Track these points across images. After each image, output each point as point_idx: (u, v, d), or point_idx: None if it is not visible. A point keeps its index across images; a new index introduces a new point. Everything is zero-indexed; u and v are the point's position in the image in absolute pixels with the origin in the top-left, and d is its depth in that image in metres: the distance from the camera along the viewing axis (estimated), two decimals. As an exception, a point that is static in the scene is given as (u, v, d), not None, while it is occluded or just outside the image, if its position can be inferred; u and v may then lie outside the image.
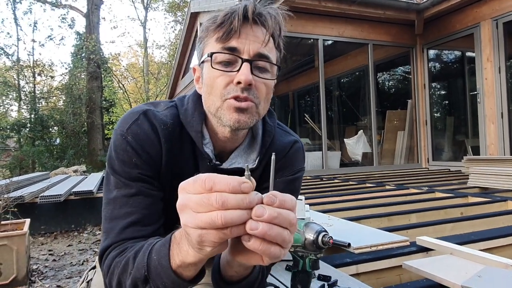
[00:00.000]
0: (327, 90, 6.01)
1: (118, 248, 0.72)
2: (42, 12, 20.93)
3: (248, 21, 0.73)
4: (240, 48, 0.74)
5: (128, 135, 0.76)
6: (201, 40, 0.79)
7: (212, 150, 0.82)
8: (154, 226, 0.76)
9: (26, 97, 13.30)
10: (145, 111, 0.80)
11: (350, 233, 1.78)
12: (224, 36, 0.73)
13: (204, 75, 0.78)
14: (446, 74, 6.69)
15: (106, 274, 0.71)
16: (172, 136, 0.80)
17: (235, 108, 0.74)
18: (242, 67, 0.73)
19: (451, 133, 6.22)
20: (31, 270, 2.95)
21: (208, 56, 0.74)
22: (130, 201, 0.75)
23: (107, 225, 0.75)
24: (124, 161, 0.76)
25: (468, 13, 5.17)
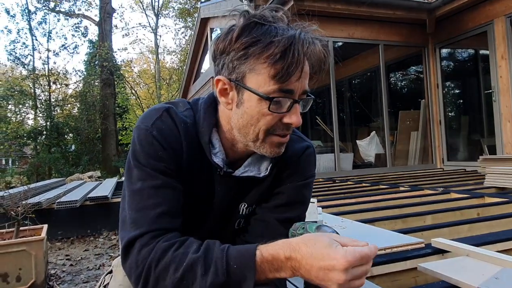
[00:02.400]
0: (338, 92, 5.99)
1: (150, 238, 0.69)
2: (56, 22, 21.40)
3: (310, 53, 0.71)
4: (294, 88, 0.72)
5: (154, 129, 0.77)
6: (241, 59, 0.72)
7: (224, 159, 0.82)
8: (180, 220, 0.77)
9: (42, 105, 13.59)
10: (168, 109, 0.81)
11: (363, 235, 1.77)
12: (284, 77, 0.70)
13: (246, 103, 0.74)
14: (460, 73, 6.59)
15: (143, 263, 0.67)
16: (190, 136, 0.81)
17: (278, 144, 0.77)
18: (294, 109, 0.73)
19: (466, 132, 6.12)
20: (49, 275, 3.01)
21: (265, 98, 0.71)
22: (159, 193, 0.74)
23: (135, 215, 0.72)
24: (150, 154, 0.76)
25: (481, 10, 5.09)
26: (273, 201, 0.89)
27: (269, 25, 0.71)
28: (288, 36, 0.69)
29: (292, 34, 0.69)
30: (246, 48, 0.70)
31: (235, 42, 0.71)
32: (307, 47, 0.70)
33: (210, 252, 0.66)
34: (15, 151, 13.17)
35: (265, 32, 0.70)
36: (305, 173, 0.91)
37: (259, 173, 0.85)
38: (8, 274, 2.57)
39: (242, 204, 0.88)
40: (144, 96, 20.64)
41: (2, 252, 2.56)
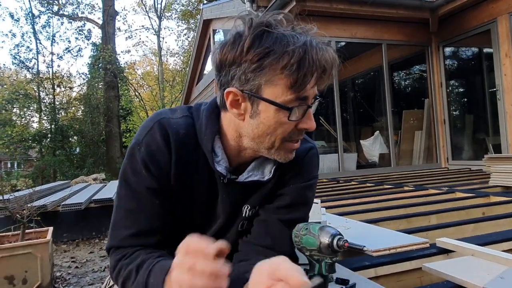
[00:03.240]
0: (341, 92, 5.98)
1: (119, 252, 0.80)
2: (59, 25, 21.48)
3: (322, 60, 0.72)
4: (308, 95, 0.73)
5: (142, 145, 0.79)
6: (255, 71, 0.70)
7: (227, 166, 0.82)
8: (153, 239, 0.81)
9: (47, 108, 13.68)
10: (160, 120, 0.81)
11: (368, 235, 1.76)
12: (301, 87, 0.70)
13: (263, 114, 0.74)
14: (464, 72, 6.56)
15: (112, 270, 0.80)
16: (184, 146, 0.81)
17: (292, 150, 0.79)
18: (308, 114, 0.74)
19: (470, 131, 6.08)
20: (54, 277, 3.02)
21: (286, 108, 0.72)
22: (131, 216, 0.80)
23: (111, 229, 0.82)
24: (136, 171, 0.79)
25: (484, 9, 5.07)
26: (276, 203, 0.89)
27: (277, 32, 0.70)
28: (301, 45, 0.69)
29: (304, 41, 0.69)
30: (260, 60, 0.69)
31: (246, 53, 0.70)
32: (321, 54, 0.70)
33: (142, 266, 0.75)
34: (20, 154, 13.27)
35: (276, 41, 0.69)
36: (308, 175, 0.91)
37: (263, 176, 0.85)
38: (14, 277, 2.58)
39: (245, 206, 0.88)
40: (147, 98, 20.71)
41: (8, 255, 2.58)
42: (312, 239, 0.72)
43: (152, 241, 0.81)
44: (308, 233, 0.73)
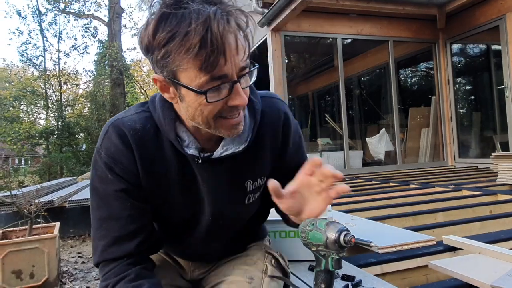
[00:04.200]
0: (347, 89, 5.95)
1: (104, 268, 0.81)
2: (66, 23, 21.54)
3: (228, 33, 0.64)
4: (227, 71, 0.67)
5: (102, 150, 0.79)
6: (164, 58, 0.67)
7: (197, 147, 0.81)
8: (132, 243, 0.81)
9: (53, 105, 13.75)
10: (113, 122, 0.81)
11: (373, 232, 1.76)
12: (210, 66, 0.65)
13: (186, 97, 0.71)
14: (471, 69, 6.49)
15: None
16: (145, 140, 0.80)
17: (231, 126, 0.74)
18: (235, 90, 0.69)
19: (478, 129, 6.02)
20: (61, 272, 3.05)
21: (200, 93, 0.68)
22: (104, 225, 0.80)
23: (92, 242, 0.84)
24: (102, 177, 0.79)
25: (493, 5, 5.01)
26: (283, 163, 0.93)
27: (183, 8, 0.64)
28: (203, 21, 0.62)
29: (206, 16, 0.63)
30: (165, 46, 0.65)
31: (153, 40, 0.66)
32: (223, 26, 0.63)
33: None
34: (27, 150, 13.37)
35: (180, 21, 0.63)
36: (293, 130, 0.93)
37: (238, 147, 0.82)
38: (22, 271, 2.61)
39: (247, 182, 0.88)
40: (153, 96, 20.75)
41: (16, 250, 2.60)
42: (318, 234, 0.71)
43: (132, 245, 0.80)
44: (314, 228, 0.73)
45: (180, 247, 1.02)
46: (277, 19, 4.80)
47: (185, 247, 1.00)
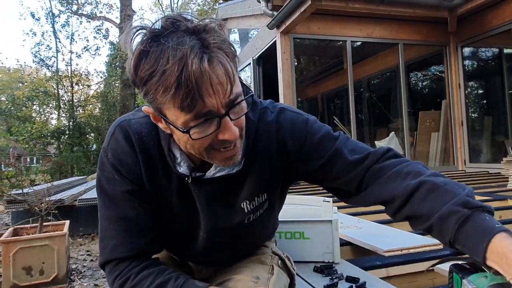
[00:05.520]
0: (357, 92, 5.93)
1: (116, 271, 0.80)
2: (78, 25, 21.91)
3: (206, 70, 0.60)
4: (212, 107, 0.63)
5: (108, 151, 0.80)
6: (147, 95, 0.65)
7: (189, 165, 0.80)
8: (141, 242, 0.81)
9: (65, 106, 13.96)
10: (120, 123, 0.81)
11: (380, 235, 1.75)
12: (191, 106, 0.62)
13: (175, 132, 0.71)
14: (483, 73, 6.41)
15: (112, 287, 0.80)
16: (149, 145, 0.80)
17: (225, 158, 0.72)
18: (223, 125, 0.66)
19: (489, 133, 5.94)
20: (70, 269, 3.10)
21: (183, 131, 0.66)
22: (113, 224, 0.80)
23: (100, 242, 0.83)
24: (109, 178, 0.80)
25: (505, 8, 4.94)
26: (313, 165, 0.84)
27: (162, 44, 0.61)
28: (179, 59, 0.59)
29: (182, 52, 0.59)
30: (145, 84, 0.63)
31: (135, 76, 0.64)
32: (200, 64, 0.60)
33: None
34: (39, 150, 13.58)
35: (159, 58, 0.60)
36: (300, 137, 0.84)
37: (232, 169, 0.81)
38: (32, 268, 2.66)
39: (242, 203, 0.85)
40: (163, 97, 20.90)
41: (27, 246, 2.65)
42: None
43: (141, 244, 0.81)
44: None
45: (182, 255, 1.03)
46: (287, 22, 4.81)
47: (187, 256, 1.02)
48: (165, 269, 0.82)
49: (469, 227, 0.64)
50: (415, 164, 0.79)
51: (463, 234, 0.64)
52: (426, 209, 0.70)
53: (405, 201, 0.74)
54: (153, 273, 0.79)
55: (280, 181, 0.89)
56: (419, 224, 0.73)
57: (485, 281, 0.58)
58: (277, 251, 1.06)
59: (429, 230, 0.71)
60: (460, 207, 0.66)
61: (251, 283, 0.88)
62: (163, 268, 0.82)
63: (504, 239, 0.59)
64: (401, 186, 0.75)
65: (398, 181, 0.76)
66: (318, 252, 1.40)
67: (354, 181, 0.81)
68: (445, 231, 0.67)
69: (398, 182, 0.76)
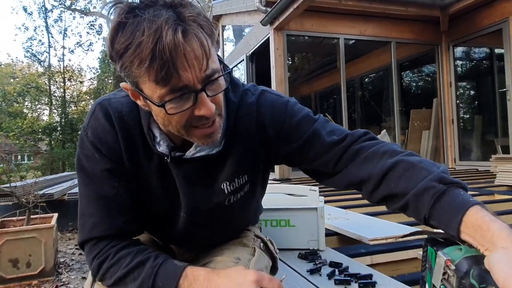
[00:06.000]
0: (349, 91, 5.96)
1: (95, 250, 0.79)
2: (71, 20, 21.73)
3: (180, 42, 0.59)
4: (188, 82, 0.63)
5: (88, 129, 0.79)
6: (123, 69, 0.65)
7: (169, 145, 0.80)
8: (119, 220, 0.80)
9: (57, 102, 13.85)
10: (100, 102, 0.81)
11: (366, 226, 1.76)
12: (166, 79, 0.61)
13: (152, 108, 0.70)
14: (474, 72, 6.48)
15: (94, 273, 0.79)
16: (129, 124, 0.80)
17: (204, 136, 0.72)
18: (200, 100, 0.66)
19: (479, 132, 6.00)
20: (58, 262, 3.07)
21: (158, 105, 0.65)
22: (92, 203, 0.79)
23: (79, 220, 0.81)
24: (88, 156, 0.79)
25: (496, 8, 5.00)
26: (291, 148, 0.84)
27: (139, 16, 0.60)
28: (154, 31, 0.59)
29: (157, 24, 0.59)
30: (121, 57, 0.62)
31: (112, 49, 0.63)
32: (174, 37, 0.59)
33: (141, 268, 0.75)
34: (30, 146, 13.45)
35: (134, 30, 0.60)
36: (279, 118, 0.84)
37: (212, 149, 0.80)
38: (19, 260, 2.63)
39: (222, 184, 0.85)
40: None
41: (13, 239, 2.63)
42: None
43: (120, 223, 0.80)
44: None
45: (164, 237, 1.02)
46: (280, 18, 4.82)
47: (169, 239, 1.01)
48: (145, 248, 0.81)
49: (444, 202, 0.64)
50: (391, 144, 0.79)
51: (438, 210, 0.64)
52: (402, 187, 0.70)
53: (381, 180, 0.74)
54: (132, 252, 0.79)
55: (260, 163, 0.89)
56: (395, 202, 0.73)
57: (459, 253, 0.59)
58: (260, 234, 1.06)
59: (404, 208, 0.71)
60: (435, 182, 0.66)
61: (231, 263, 0.88)
62: (143, 247, 0.82)
63: (478, 212, 0.59)
64: (377, 165, 0.75)
65: (374, 161, 0.76)
66: (304, 240, 1.41)
67: (331, 162, 0.81)
68: (421, 207, 0.67)
69: (374, 162, 0.76)
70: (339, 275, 1.11)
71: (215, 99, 0.69)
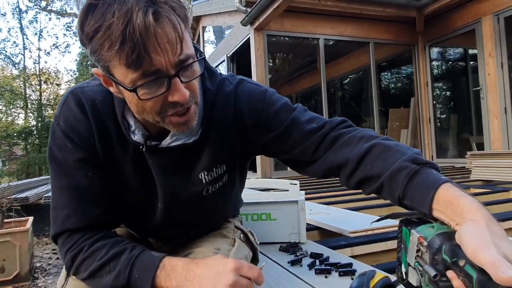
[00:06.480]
0: (330, 91, 6.02)
1: (69, 242, 0.76)
2: (47, 21, 21.16)
3: (150, 24, 0.58)
4: (160, 66, 0.62)
5: (60, 119, 0.77)
6: (93, 53, 0.63)
7: (144, 133, 0.78)
8: (93, 212, 0.78)
9: (33, 105, 13.48)
10: (73, 90, 0.79)
11: (347, 220, 1.78)
12: (137, 63, 0.60)
13: (124, 94, 0.68)
14: (449, 71, 6.67)
15: (69, 265, 0.77)
16: (103, 113, 0.78)
17: (179, 123, 0.71)
18: (173, 86, 0.64)
19: (455, 130, 6.18)
20: (34, 267, 2.97)
21: (130, 90, 0.64)
22: (65, 194, 0.77)
23: (51, 212, 0.79)
24: (60, 146, 0.77)
25: (469, 9, 5.16)
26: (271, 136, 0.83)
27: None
28: (124, 13, 0.57)
29: (128, 6, 0.58)
30: (91, 40, 0.61)
31: (82, 32, 0.62)
32: (145, 19, 0.58)
33: (117, 259, 0.73)
34: (5, 151, 13.03)
35: (105, 12, 0.58)
36: (257, 107, 0.83)
37: (188, 138, 0.79)
38: (-8, 265, 2.54)
39: (200, 173, 0.84)
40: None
41: (-14, 243, 2.53)
42: None
43: (94, 214, 0.78)
44: None
45: (142, 230, 1.00)
46: (260, 18, 4.83)
47: (147, 231, 0.99)
48: (121, 240, 0.79)
49: (417, 181, 0.65)
50: (368, 130, 0.80)
51: (411, 189, 0.65)
52: (378, 168, 0.71)
53: (358, 164, 0.74)
54: (108, 244, 0.77)
55: (238, 152, 0.88)
56: (371, 185, 0.73)
57: (432, 231, 0.60)
58: (240, 226, 1.05)
59: (380, 189, 0.72)
60: (409, 162, 0.67)
61: (211, 254, 0.87)
62: (119, 239, 0.80)
63: (449, 188, 0.60)
64: (354, 150, 0.75)
65: (352, 146, 0.77)
66: (285, 233, 1.41)
67: (310, 149, 0.81)
68: (395, 187, 0.67)
69: (352, 146, 0.77)
70: (320, 265, 1.12)
71: (189, 85, 0.68)
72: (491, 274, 0.44)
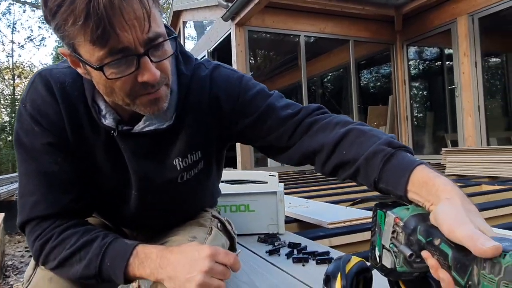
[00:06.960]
0: (311, 88, 6.06)
1: (37, 231, 0.73)
2: (21, 13, 20.48)
3: (116, 4, 0.56)
4: (128, 43, 0.60)
5: (27, 102, 0.74)
6: (57, 29, 0.60)
7: (115, 118, 0.76)
8: (63, 199, 0.75)
9: (6, 100, 13.02)
10: (40, 72, 0.76)
11: (325, 212, 1.79)
12: (102, 39, 0.58)
13: (92, 74, 0.66)
14: (426, 70, 6.83)
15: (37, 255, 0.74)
16: (72, 96, 0.75)
17: (149, 102, 0.68)
18: (143, 65, 0.62)
19: (431, 128, 6.34)
20: (5, 265, 2.87)
21: (96, 68, 0.61)
22: (32, 180, 0.74)
23: (18, 200, 0.76)
24: (27, 130, 0.74)
25: (446, 9, 5.29)
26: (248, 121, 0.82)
27: None
28: None
29: None
30: (55, 16, 0.58)
31: (45, 8, 0.59)
32: None
33: (88, 247, 0.72)
34: (-24, 147, 12.55)
35: None
36: (233, 92, 0.82)
37: (162, 123, 0.77)
38: (-41, 263, 2.43)
39: (175, 160, 0.82)
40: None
41: (-47, 240, 2.42)
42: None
43: (64, 202, 0.75)
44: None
45: (115, 219, 0.97)
46: (241, 13, 4.81)
47: (121, 220, 0.96)
48: (93, 228, 0.77)
49: (392, 164, 0.65)
50: (343, 116, 0.80)
51: (387, 172, 0.65)
52: (353, 153, 0.71)
53: (333, 149, 0.74)
54: (79, 232, 0.74)
55: (214, 138, 0.87)
56: (346, 170, 0.73)
57: (407, 212, 0.60)
58: (217, 215, 1.03)
59: (355, 174, 0.71)
60: (385, 146, 0.67)
61: (187, 241, 0.85)
62: (90, 227, 0.77)
63: (424, 169, 0.61)
64: (330, 135, 0.75)
65: (327, 131, 0.76)
66: (263, 224, 1.40)
67: (285, 135, 0.81)
68: (371, 170, 0.67)
69: (327, 132, 0.76)
70: (297, 254, 1.12)
71: (160, 65, 0.66)
72: (470, 247, 0.44)
